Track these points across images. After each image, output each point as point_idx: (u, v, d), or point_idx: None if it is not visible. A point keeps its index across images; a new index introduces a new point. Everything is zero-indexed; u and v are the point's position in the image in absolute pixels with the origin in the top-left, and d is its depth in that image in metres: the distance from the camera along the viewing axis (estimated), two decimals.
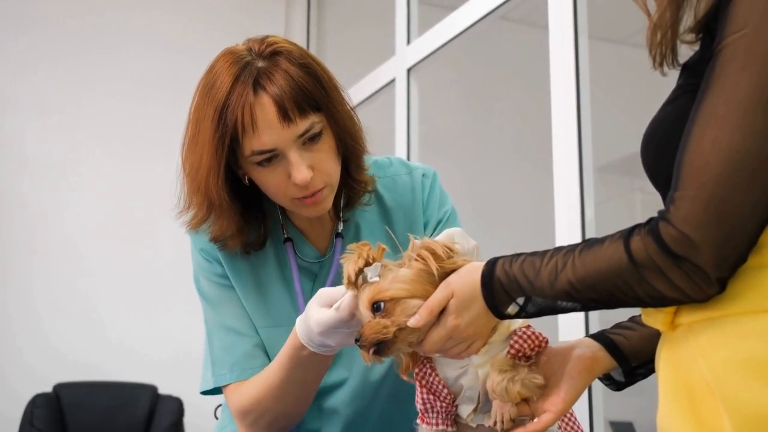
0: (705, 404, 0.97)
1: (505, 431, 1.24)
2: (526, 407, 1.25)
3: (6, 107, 4.26)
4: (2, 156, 4.22)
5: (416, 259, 1.24)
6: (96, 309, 4.23)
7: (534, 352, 1.26)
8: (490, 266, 1.15)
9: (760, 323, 0.95)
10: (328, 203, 1.52)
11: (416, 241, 1.26)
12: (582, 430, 1.33)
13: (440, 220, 1.66)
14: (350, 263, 1.26)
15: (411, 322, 1.20)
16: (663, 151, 1.05)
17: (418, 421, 1.33)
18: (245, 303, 1.59)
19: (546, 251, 1.11)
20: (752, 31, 0.95)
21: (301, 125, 1.42)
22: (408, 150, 3.68)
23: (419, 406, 1.32)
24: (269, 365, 1.51)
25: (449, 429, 1.30)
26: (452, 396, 1.29)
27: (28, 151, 4.26)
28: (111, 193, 4.35)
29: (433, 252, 1.22)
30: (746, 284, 0.97)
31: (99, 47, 4.45)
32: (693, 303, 1.00)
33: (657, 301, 1.01)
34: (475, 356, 1.25)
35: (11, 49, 4.30)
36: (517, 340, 1.25)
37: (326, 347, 1.41)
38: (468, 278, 1.18)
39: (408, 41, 3.83)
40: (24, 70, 4.30)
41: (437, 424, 1.30)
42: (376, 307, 1.23)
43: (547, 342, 1.28)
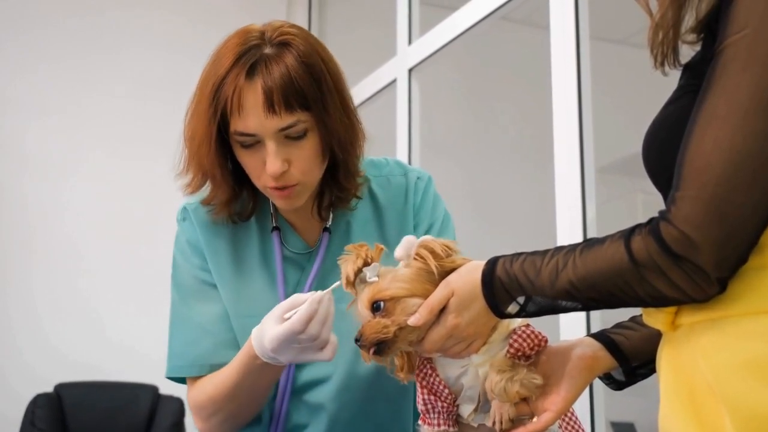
0: (706, 405, 0.97)
1: (505, 431, 1.23)
2: (526, 407, 1.25)
3: (6, 107, 4.26)
4: (2, 156, 4.22)
5: (415, 258, 1.24)
6: (96, 309, 4.23)
7: (533, 351, 1.26)
8: (491, 265, 1.15)
9: (761, 324, 0.95)
10: (300, 200, 1.55)
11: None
12: (583, 430, 1.33)
13: (431, 225, 1.67)
14: (348, 264, 1.26)
15: (411, 321, 1.20)
16: (664, 152, 1.05)
17: (420, 422, 1.33)
18: (223, 291, 1.61)
19: (547, 251, 1.11)
20: (753, 32, 0.95)
21: (285, 120, 1.44)
22: (409, 150, 3.68)
23: (420, 407, 1.32)
24: (227, 366, 1.54)
25: (451, 429, 1.30)
26: (453, 396, 1.29)
27: (28, 151, 4.26)
28: (111, 193, 4.35)
29: (432, 251, 1.23)
30: (747, 285, 0.97)
31: (99, 47, 4.45)
32: (693, 303, 1.00)
33: (657, 301, 1.01)
34: (475, 355, 1.25)
35: (11, 49, 4.30)
36: (517, 339, 1.24)
37: (277, 362, 1.43)
38: (468, 277, 1.18)
39: (409, 41, 3.83)
40: (24, 70, 4.30)
41: (439, 425, 1.30)
42: (376, 307, 1.23)
43: (547, 341, 1.28)
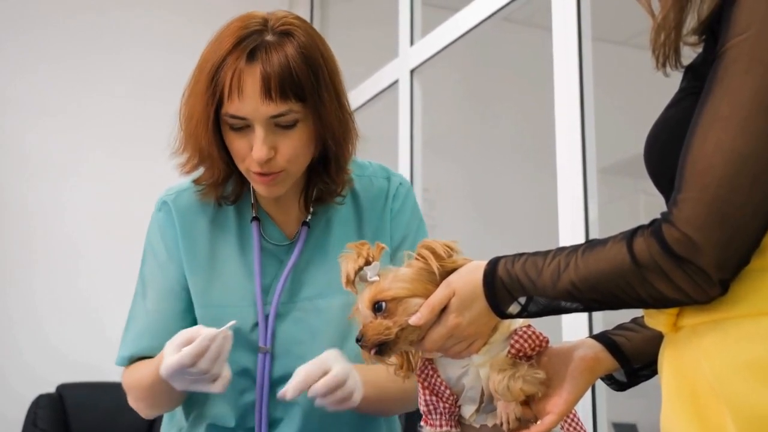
0: (708, 406, 0.97)
1: (512, 431, 1.23)
2: (529, 410, 1.24)
3: (6, 107, 4.25)
4: (2, 155, 4.22)
5: (416, 258, 1.24)
6: (97, 309, 4.21)
7: (534, 352, 1.26)
8: (492, 265, 1.15)
9: (763, 326, 0.95)
10: (281, 189, 1.57)
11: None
12: (584, 430, 1.33)
13: (405, 237, 1.68)
14: (349, 262, 1.25)
15: (412, 320, 1.20)
16: (666, 153, 1.05)
17: (422, 423, 1.33)
18: (195, 279, 1.63)
19: (548, 251, 1.11)
20: (755, 34, 0.96)
21: (278, 107, 1.46)
22: (411, 151, 3.68)
23: (422, 408, 1.31)
24: (146, 366, 1.58)
25: (453, 430, 1.30)
26: (455, 396, 1.29)
27: (28, 151, 4.25)
28: (111, 193, 4.33)
29: (434, 251, 1.23)
30: (749, 287, 0.97)
31: (99, 47, 4.43)
32: (695, 305, 1.00)
33: (659, 303, 1.01)
34: (476, 356, 1.25)
35: (11, 49, 4.29)
36: (518, 340, 1.24)
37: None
38: (469, 277, 1.18)
39: (411, 42, 3.83)
40: (24, 70, 4.29)
41: (441, 426, 1.30)
42: (378, 307, 1.22)
43: (548, 342, 1.28)
